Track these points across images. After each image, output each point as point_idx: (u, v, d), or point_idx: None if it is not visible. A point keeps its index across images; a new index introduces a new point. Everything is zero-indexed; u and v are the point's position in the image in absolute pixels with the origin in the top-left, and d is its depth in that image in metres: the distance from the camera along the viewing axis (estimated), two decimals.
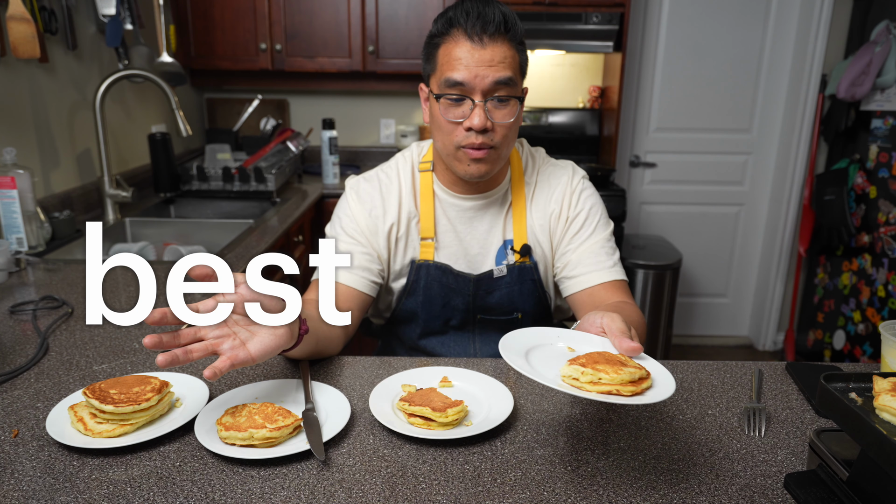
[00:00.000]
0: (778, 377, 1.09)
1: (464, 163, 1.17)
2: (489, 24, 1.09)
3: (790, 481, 0.78)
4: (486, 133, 1.13)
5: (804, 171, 3.41)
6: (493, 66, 1.10)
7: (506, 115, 1.14)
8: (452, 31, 1.12)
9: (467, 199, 1.28)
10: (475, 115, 1.11)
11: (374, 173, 1.32)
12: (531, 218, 1.29)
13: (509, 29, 1.12)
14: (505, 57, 1.11)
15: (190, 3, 2.99)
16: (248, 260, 1.76)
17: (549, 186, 1.30)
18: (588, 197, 1.30)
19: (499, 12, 1.10)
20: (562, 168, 1.33)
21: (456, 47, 1.11)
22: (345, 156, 3.54)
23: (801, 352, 3.58)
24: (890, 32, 2.85)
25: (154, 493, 0.76)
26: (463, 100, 1.12)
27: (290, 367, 1.09)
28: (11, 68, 1.88)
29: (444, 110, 1.14)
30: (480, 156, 1.15)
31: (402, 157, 1.33)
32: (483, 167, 1.17)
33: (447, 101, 1.13)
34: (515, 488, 0.78)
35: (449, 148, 1.17)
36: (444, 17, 1.14)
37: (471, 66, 1.10)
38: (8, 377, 1.04)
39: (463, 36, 1.11)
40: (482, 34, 1.10)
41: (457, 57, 1.11)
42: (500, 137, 1.15)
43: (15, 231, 1.73)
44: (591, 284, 1.23)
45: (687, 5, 3.31)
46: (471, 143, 1.14)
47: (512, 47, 1.13)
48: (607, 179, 3.11)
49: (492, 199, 1.28)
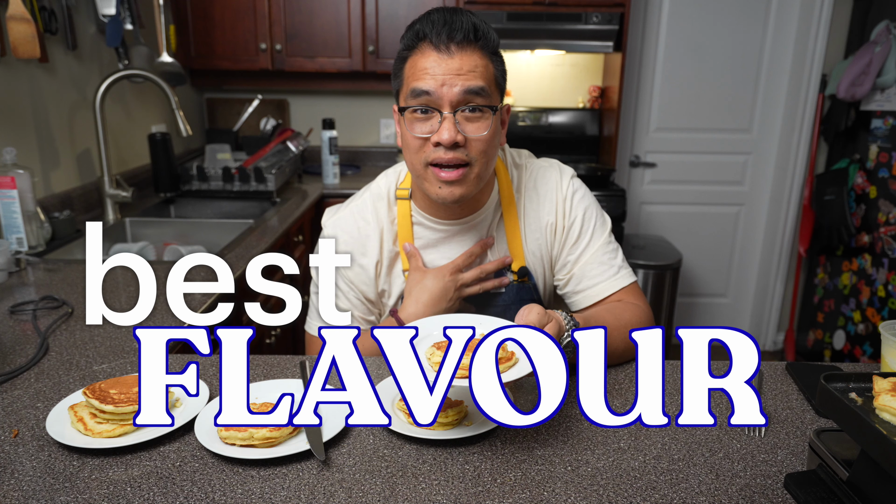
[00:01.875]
0: (778, 377, 1.09)
1: (434, 184, 1.07)
2: (456, 31, 1.02)
3: (790, 481, 0.78)
4: (458, 148, 1.04)
5: (804, 171, 3.42)
6: (461, 75, 1.01)
7: (478, 128, 1.04)
8: (420, 45, 1.05)
9: (451, 225, 1.20)
10: (444, 128, 1.02)
11: (349, 213, 1.23)
12: (526, 234, 1.22)
13: (480, 37, 1.04)
14: (476, 66, 1.03)
15: (190, 3, 2.99)
16: (248, 260, 1.76)
17: (539, 195, 1.22)
18: (580, 200, 1.22)
19: (468, 21, 1.03)
20: (548, 170, 1.24)
21: (422, 58, 1.03)
22: (345, 156, 3.54)
23: (801, 352, 3.58)
24: (890, 32, 2.85)
25: (154, 493, 0.76)
26: (430, 112, 1.04)
27: (290, 367, 1.09)
28: (11, 68, 1.88)
29: (410, 125, 1.05)
30: (453, 177, 1.05)
31: (374, 192, 1.24)
32: (457, 190, 1.07)
33: (413, 115, 1.05)
34: (515, 488, 0.78)
35: (418, 167, 1.08)
36: (411, 29, 1.06)
37: (437, 76, 1.01)
38: (8, 377, 1.04)
39: (429, 47, 1.03)
40: (449, 42, 1.02)
41: (422, 67, 1.03)
42: (475, 153, 1.05)
43: (15, 231, 1.73)
44: (600, 298, 1.19)
45: (687, 5, 3.31)
46: (439, 159, 1.04)
47: (484, 56, 1.05)
48: (607, 179, 3.11)
49: (479, 218, 1.20)
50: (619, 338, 1.09)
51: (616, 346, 1.09)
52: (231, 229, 2.24)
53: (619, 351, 1.10)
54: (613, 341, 1.08)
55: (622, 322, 1.11)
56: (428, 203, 1.19)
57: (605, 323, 1.08)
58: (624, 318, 1.12)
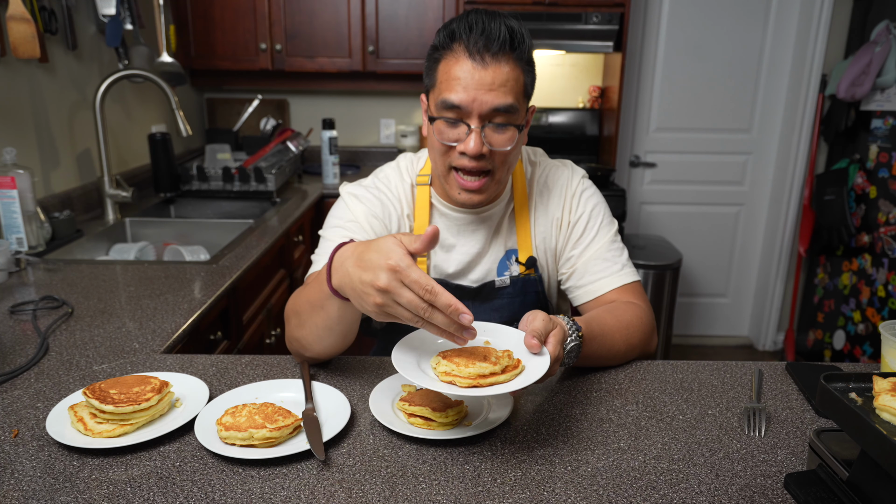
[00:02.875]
0: (778, 377, 1.09)
1: (455, 189, 1.12)
2: (493, 41, 1.01)
3: (790, 481, 0.78)
4: (482, 158, 1.08)
5: (804, 171, 3.42)
6: (493, 91, 1.03)
7: (504, 141, 1.07)
8: (454, 46, 1.05)
9: (468, 213, 1.23)
10: (471, 140, 1.05)
11: (371, 182, 1.26)
12: (535, 227, 1.25)
13: (515, 47, 1.03)
14: (507, 80, 1.03)
15: (190, 3, 2.99)
16: (247, 260, 1.76)
17: (549, 191, 1.26)
18: (589, 198, 1.26)
19: (505, 28, 1.02)
20: (560, 168, 1.28)
21: (456, 65, 1.04)
22: (345, 156, 3.54)
23: (801, 352, 3.58)
24: (890, 32, 2.85)
25: (154, 493, 0.76)
26: (459, 123, 1.06)
27: (290, 367, 1.09)
28: (11, 68, 1.88)
29: (439, 131, 1.08)
30: (475, 186, 1.10)
31: (396, 170, 1.27)
32: (476, 197, 1.12)
33: (443, 123, 1.07)
34: (515, 488, 0.78)
35: (441, 169, 1.13)
36: (446, 28, 1.06)
37: (469, 89, 1.03)
38: (8, 377, 1.04)
39: (464, 53, 1.03)
40: (484, 52, 1.02)
41: (455, 76, 1.04)
42: (498, 163, 1.09)
43: (15, 231, 1.73)
44: (601, 293, 1.20)
45: (687, 5, 3.31)
46: (463, 167, 1.08)
47: (517, 67, 1.05)
48: (607, 179, 3.11)
49: (493, 209, 1.24)
50: (620, 339, 1.09)
51: (617, 347, 1.09)
52: (231, 229, 2.24)
53: (619, 352, 1.10)
54: (615, 343, 1.08)
55: (623, 323, 1.11)
56: (446, 192, 1.21)
57: (606, 324, 1.08)
58: (625, 319, 1.12)
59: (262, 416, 0.86)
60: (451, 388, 0.80)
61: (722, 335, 3.85)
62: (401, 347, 0.88)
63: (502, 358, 0.84)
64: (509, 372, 0.83)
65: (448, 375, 0.81)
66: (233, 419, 0.86)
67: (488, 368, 0.81)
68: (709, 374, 1.09)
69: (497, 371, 0.82)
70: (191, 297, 1.45)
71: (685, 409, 0.97)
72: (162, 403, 0.91)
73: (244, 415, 0.87)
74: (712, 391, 1.03)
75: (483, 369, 0.81)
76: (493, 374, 0.81)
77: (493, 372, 0.81)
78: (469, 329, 0.78)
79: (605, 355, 1.08)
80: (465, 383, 0.80)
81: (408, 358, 0.87)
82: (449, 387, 0.80)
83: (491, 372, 0.81)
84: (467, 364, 0.81)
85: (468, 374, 0.80)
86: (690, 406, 0.98)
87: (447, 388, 0.80)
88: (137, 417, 0.87)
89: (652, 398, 1.00)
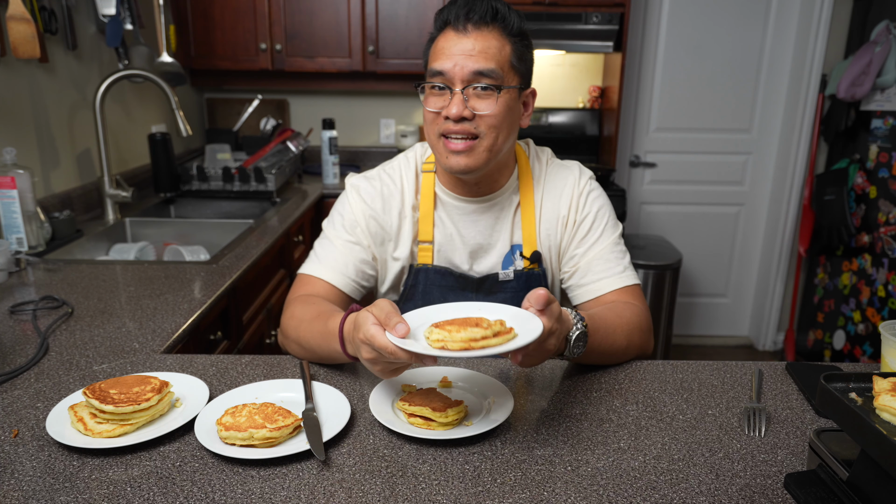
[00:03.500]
0: (778, 377, 1.09)
1: (443, 154, 1.14)
2: (474, 12, 1.08)
3: (790, 481, 0.78)
4: (466, 122, 1.10)
5: (804, 171, 3.42)
6: (472, 56, 1.08)
7: (487, 105, 1.10)
8: (444, 28, 1.13)
9: (470, 202, 1.24)
10: (452, 103, 1.09)
11: (377, 172, 1.29)
12: (541, 223, 1.26)
13: (500, 20, 1.10)
14: (489, 47, 1.09)
15: (190, 3, 2.99)
16: (247, 260, 1.76)
17: (556, 189, 1.27)
18: (595, 199, 1.27)
19: (489, 3, 1.09)
20: (568, 168, 1.29)
21: (443, 39, 1.12)
22: (345, 156, 3.54)
23: (801, 352, 3.58)
24: (890, 32, 2.85)
25: (154, 493, 0.76)
26: (444, 89, 1.11)
27: (290, 367, 1.09)
28: (11, 68, 1.88)
29: (427, 100, 1.14)
30: (460, 147, 1.11)
31: (405, 157, 1.31)
32: (463, 160, 1.12)
33: (430, 91, 1.13)
34: (515, 488, 0.78)
35: (433, 138, 1.16)
36: (440, 15, 1.14)
37: (452, 55, 1.09)
38: (8, 377, 1.04)
39: (451, 28, 1.11)
40: (466, 22, 1.09)
41: (440, 47, 1.11)
42: (484, 127, 1.11)
43: (15, 231, 1.73)
44: (601, 293, 1.21)
45: (687, 5, 3.31)
46: (448, 130, 1.11)
47: (501, 37, 1.10)
48: (607, 179, 3.11)
49: (496, 200, 1.25)
50: (621, 336, 1.10)
51: (619, 344, 1.09)
52: (231, 229, 2.24)
53: (620, 349, 1.10)
54: (616, 339, 1.09)
55: (624, 320, 1.12)
56: (448, 178, 1.24)
57: (608, 321, 1.08)
58: (626, 317, 1.13)
59: (262, 416, 0.86)
60: (442, 352, 0.80)
61: (722, 335, 3.85)
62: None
63: (494, 325, 0.83)
64: (501, 336, 0.82)
65: (440, 342, 0.81)
66: (233, 419, 0.86)
67: (480, 333, 0.81)
68: (709, 374, 1.09)
69: (489, 335, 0.81)
70: (191, 297, 1.45)
71: (685, 409, 0.97)
72: (162, 403, 0.91)
73: (244, 415, 0.87)
74: (712, 391, 1.03)
75: (475, 333, 0.80)
76: (484, 337, 0.81)
77: (484, 336, 0.81)
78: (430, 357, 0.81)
79: (607, 351, 1.08)
80: (457, 346, 0.80)
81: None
82: (441, 351, 0.80)
83: (483, 336, 0.81)
84: (458, 330, 0.81)
85: (460, 338, 0.80)
86: (690, 406, 0.98)
87: (439, 352, 0.80)
88: (137, 417, 0.87)
89: (652, 398, 1.00)
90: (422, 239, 1.26)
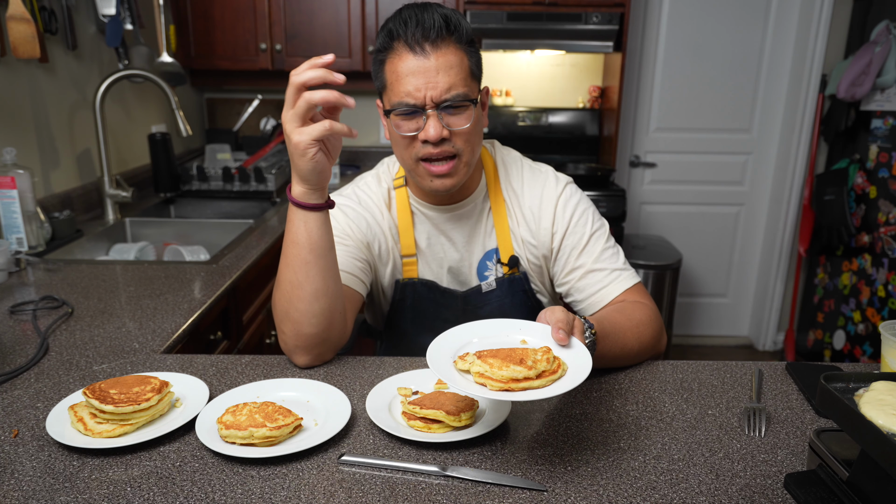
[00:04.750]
0: (778, 377, 1.09)
1: (426, 179, 1.13)
2: (429, 30, 1.04)
3: (790, 481, 0.78)
4: (445, 142, 1.08)
5: (804, 171, 3.42)
6: (438, 75, 1.05)
7: (462, 120, 1.08)
8: (394, 45, 1.08)
9: (444, 211, 1.24)
10: (429, 126, 1.06)
11: (351, 190, 1.27)
12: (516, 227, 1.24)
13: (452, 31, 1.06)
14: (451, 64, 1.06)
15: (190, 3, 2.99)
16: (247, 260, 1.76)
17: (533, 198, 1.24)
18: (576, 207, 1.23)
19: (438, 16, 1.05)
20: (543, 174, 1.26)
21: (400, 62, 1.07)
22: (345, 156, 3.54)
23: (801, 352, 3.58)
24: (890, 32, 2.85)
25: (154, 493, 0.76)
26: (415, 112, 1.07)
27: (290, 366, 1.09)
28: (11, 68, 1.88)
29: (398, 125, 1.10)
30: (444, 170, 1.10)
31: (374, 177, 1.29)
32: (448, 181, 1.12)
33: (399, 116, 1.09)
34: (515, 488, 0.78)
35: (409, 162, 1.13)
36: (384, 30, 1.09)
37: (418, 79, 1.05)
38: (8, 377, 1.04)
39: (405, 48, 1.06)
40: (423, 42, 1.05)
41: (402, 73, 1.06)
42: (461, 143, 1.10)
43: (15, 231, 1.73)
44: (606, 302, 1.19)
45: (687, 5, 3.31)
46: (429, 154, 1.09)
47: (459, 49, 1.08)
48: (607, 179, 3.11)
49: (469, 206, 1.24)
50: (632, 337, 1.09)
51: (630, 345, 1.09)
52: (231, 229, 2.24)
53: (633, 351, 1.10)
54: (627, 340, 1.08)
55: (633, 321, 1.11)
56: (421, 190, 1.23)
57: (618, 324, 1.08)
58: (635, 318, 1.12)
59: (262, 415, 0.86)
60: (482, 389, 0.78)
61: (722, 335, 3.85)
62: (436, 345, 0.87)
63: (540, 362, 0.81)
64: (545, 378, 0.80)
65: (481, 377, 0.80)
66: (233, 418, 0.86)
67: (522, 373, 0.79)
68: (709, 374, 1.09)
69: (531, 376, 0.79)
70: (191, 297, 1.45)
71: (685, 409, 0.97)
72: (162, 403, 0.91)
73: (245, 413, 0.87)
74: (712, 391, 1.03)
75: (517, 373, 0.79)
76: (526, 378, 0.79)
77: (526, 377, 0.79)
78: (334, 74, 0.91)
79: (619, 354, 1.07)
80: (497, 386, 0.78)
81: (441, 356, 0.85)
82: (481, 389, 0.79)
83: (525, 377, 0.79)
84: (501, 367, 0.79)
85: (500, 376, 0.79)
86: (690, 406, 0.98)
87: (479, 390, 0.78)
88: (137, 417, 0.87)
89: (652, 398, 1.00)
90: (405, 253, 1.25)
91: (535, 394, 0.78)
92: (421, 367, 1.08)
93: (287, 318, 1.05)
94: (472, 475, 0.79)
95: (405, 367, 1.08)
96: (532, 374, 0.79)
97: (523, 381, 0.79)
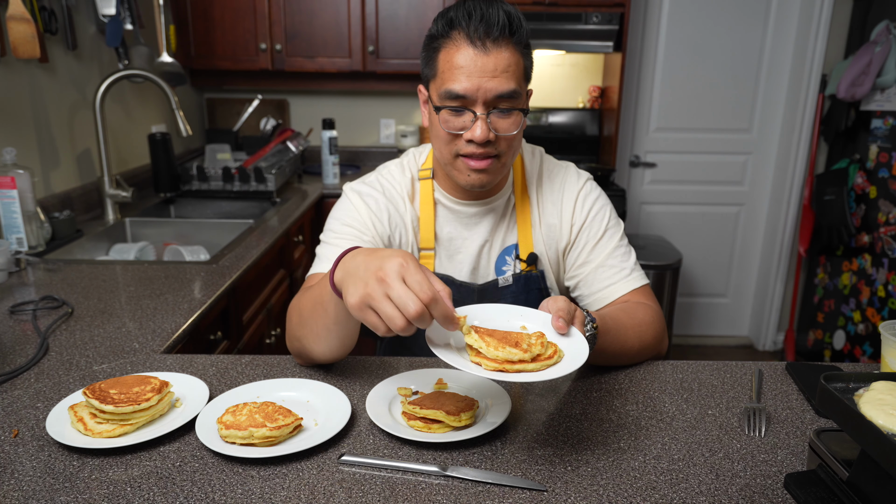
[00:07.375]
0: (778, 377, 1.09)
1: (463, 173, 1.12)
2: (493, 26, 1.02)
3: (790, 481, 0.78)
4: (489, 144, 1.08)
5: (804, 171, 3.42)
6: (496, 77, 1.04)
7: (509, 126, 1.08)
8: (453, 34, 1.05)
9: (470, 206, 1.23)
10: (477, 127, 1.06)
11: (375, 178, 1.26)
12: (538, 222, 1.25)
13: (514, 31, 1.05)
14: (509, 65, 1.05)
15: (190, 3, 2.99)
16: (247, 260, 1.76)
17: (554, 192, 1.25)
18: (595, 201, 1.25)
19: (503, 13, 1.03)
20: (565, 169, 1.28)
21: (457, 53, 1.04)
22: (345, 156, 3.54)
23: (801, 352, 3.58)
24: (890, 32, 2.85)
25: (154, 493, 0.76)
26: (464, 111, 1.07)
27: (290, 367, 1.09)
28: (11, 68, 1.88)
29: (444, 121, 1.09)
30: (482, 166, 1.10)
31: (398, 166, 1.28)
32: (485, 177, 1.12)
33: (448, 112, 1.08)
34: (515, 488, 0.78)
35: (447, 157, 1.13)
36: (444, 17, 1.07)
37: (473, 77, 1.03)
38: (8, 377, 1.04)
39: (465, 40, 1.04)
40: (485, 38, 1.03)
41: (458, 65, 1.04)
42: (504, 147, 1.11)
43: (15, 231, 1.73)
44: (612, 299, 1.20)
45: (687, 5, 3.31)
46: (471, 153, 1.09)
47: (517, 52, 1.06)
48: (607, 179, 3.11)
49: (495, 203, 1.24)
50: (633, 336, 1.09)
51: (631, 344, 1.09)
52: (231, 229, 2.24)
53: (633, 349, 1.10)
54: (628, 339, 1.08)
55: (636, 321, 1.11)
56: (450, 184, 1.23)
57: (621, 321, 1.08)
58: (638, 317, 1.12)
59: (262, 415, 0.86)
60: (478, 368, 0.79)
61: (722, 335, 3.85)
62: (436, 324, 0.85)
63: (534, 346, 0.81)
64: (539, 361, 0.81)
65: (477, 356, 0.80)
66: (233, 418, 0.86)
67: (517, 355, 0.79)
68: (709, 374, 1.09)
69: (526, 359, 0.80)
70: (191, 297, 1.45)
71: (685, 409, 0.97)
72: (162, 403, 0.91)
73: (245, 413, 0.87)
74: (712, 391, 1.03)
75: (512, 355, 0.79)
76: (521, 360, 0.79)
77: (521, 359, 0.79)
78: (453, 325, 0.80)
79: (619, 351, 1.07)
80: (492, 366, 0.79)
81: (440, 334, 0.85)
82: (476, 367, 0.79)
83: (520, 359, 0.79)
84: (497, 347, 0.80)
85: (496, 356, 0.79)
86: (690, 406, 0.98)
87: (474, 368, 0.79)
88: (137, 417, 0.87)
89: (652, 398, 1.00)
90: (423, 246, 1.24)
91: (530, 376, 0.78)
92: (421, 366, 1.08)
93: (299, 356, 1.08)
94: (472, 475, 0.79)
95: (405, 367, 1.08)
96: (527, 356, 0.80)
97: (518, 363, 0.80)
